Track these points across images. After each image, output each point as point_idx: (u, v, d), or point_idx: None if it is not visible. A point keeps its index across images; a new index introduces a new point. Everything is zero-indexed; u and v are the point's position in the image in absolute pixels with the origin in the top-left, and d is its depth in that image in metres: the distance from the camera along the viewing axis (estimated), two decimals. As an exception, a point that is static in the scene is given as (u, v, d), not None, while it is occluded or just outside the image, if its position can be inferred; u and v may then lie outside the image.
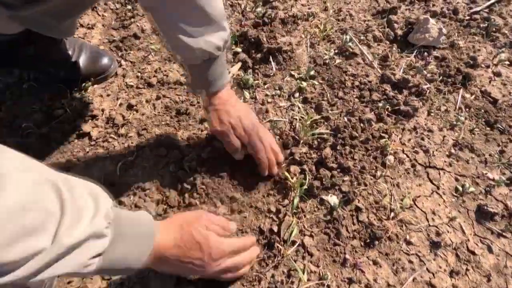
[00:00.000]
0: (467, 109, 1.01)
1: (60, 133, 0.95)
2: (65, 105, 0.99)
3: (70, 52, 1.02)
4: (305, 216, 0.82)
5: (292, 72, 1.08)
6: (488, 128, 0.98)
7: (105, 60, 1.05)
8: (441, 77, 1.06)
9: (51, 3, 0.75)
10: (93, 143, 0.94)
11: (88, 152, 0.93)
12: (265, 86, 1.05)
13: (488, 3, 1.25)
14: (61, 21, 0.84)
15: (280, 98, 1.02)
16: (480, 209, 0.84)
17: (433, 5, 1.25)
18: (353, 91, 1.03)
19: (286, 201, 0.84)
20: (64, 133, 0.95)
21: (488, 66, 1.10)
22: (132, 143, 0.95)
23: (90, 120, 0.97)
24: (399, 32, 1.18)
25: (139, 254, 0.53)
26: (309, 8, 1.24)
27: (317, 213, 0.83)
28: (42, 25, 0.82)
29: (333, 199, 0.83)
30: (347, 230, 0.80)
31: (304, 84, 1.04)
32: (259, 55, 1.11)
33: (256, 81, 1.06)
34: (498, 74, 1.08)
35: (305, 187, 0.84)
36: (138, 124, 0.98)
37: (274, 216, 0.82)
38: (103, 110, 1.00)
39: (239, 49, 1.13)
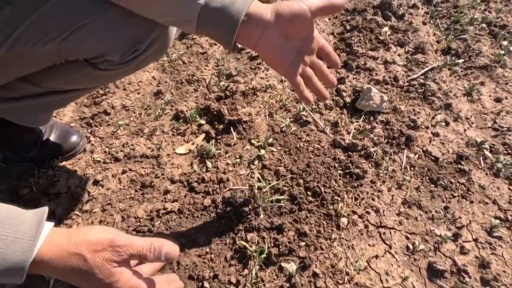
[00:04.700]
0: (412, 168, 1.10)
1: (23, 213, 0.97)
2: (32, 184, 1.02)
3: (42, 133, 1.07)
4: (264, 285, 0.84)
5: (252, 141, 1.16)
6: (433, 185, 1.07)
7: (74, 138, 1.11)
8: (386, 140, 1.17)
9: (34, 102, 0.82)
10: (55, 221, 0.95)
11: (50, 231, 0.94)
12: (227, 155, 1.12)
13: (423, 71, 1.43)
14: (40, 114, 0.90)
15: (240, 166, 1.09)
16: (431, 266, 0.88)
17: (376, 74, 1.42)
18: (309, 156, 1.11)
19: (246, 271, 0.86)
20: (27, 213, 0.97)
21: (427, 127, 1.22)
22: (95, 218, 0.97)
23: (55, 198, 1.00)
24: (348, 99, 1.31)
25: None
26: (267, 81, 1.38)
27: (277, 281, 0.85)
28: (20, 117, 0.88)
29: (291, 266, 0.86)
30: (305, 298, 0.82)
31: (263, 151, 1.12)
32: (221, 126, 1.20)
33: (219, 151, 1.13)
34: (436, 135, 1.20)
35: (264, 255, 0.87)
36: (103, 199, 1.01)
37: (234, 288, 0.83)
38: (69, 187, 1.03)
39: (203, 121, 1.22)
